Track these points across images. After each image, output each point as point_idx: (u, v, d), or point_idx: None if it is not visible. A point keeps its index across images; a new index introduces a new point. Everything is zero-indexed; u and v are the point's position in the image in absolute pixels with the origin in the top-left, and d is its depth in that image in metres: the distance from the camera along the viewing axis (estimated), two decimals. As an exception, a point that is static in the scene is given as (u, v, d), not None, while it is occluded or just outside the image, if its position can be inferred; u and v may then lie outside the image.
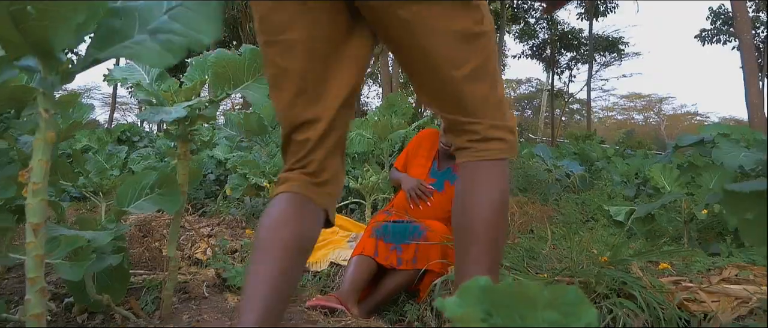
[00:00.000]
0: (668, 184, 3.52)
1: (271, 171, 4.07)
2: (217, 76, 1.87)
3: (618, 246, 2.35)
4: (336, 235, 3.38)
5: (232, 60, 1.86)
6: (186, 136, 1.87)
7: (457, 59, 1.24)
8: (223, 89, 1.87)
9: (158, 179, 1.82)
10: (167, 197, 1.79)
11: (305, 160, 1.29)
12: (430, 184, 2.82)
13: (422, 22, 1.20)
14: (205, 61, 1.97)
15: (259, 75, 1.91)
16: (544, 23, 22.97)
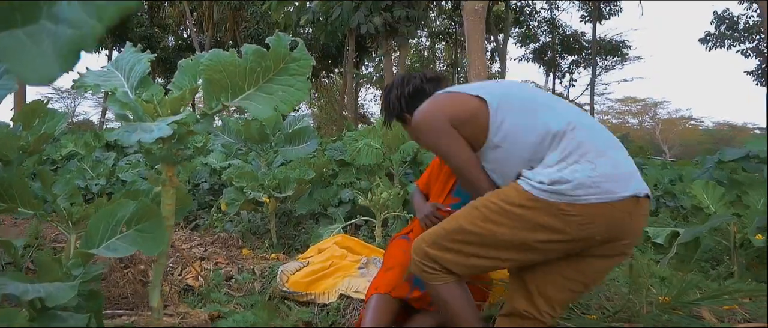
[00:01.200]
0: (712, 203, 3.18)
1: (270, 185, 3.70)
2: (212, 82, 1.50)
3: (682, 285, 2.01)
4: (344, 259, 3.01)
5: (229, 63, 1.50)
6: (172, 157, 1.50)
7: None
8: (219, 99, 1.51)
9: (137, 212, 1.45)
10: (148, 235, 1.42)
11: None
12: (453, 204, 2.44)
13: None
14: (196, 64, 1.60)
15: (263, 81, 1.54)
16: (545, 27, 22.67)
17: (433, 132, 1.71)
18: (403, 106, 2.06)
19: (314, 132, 4.28)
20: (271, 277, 2.90)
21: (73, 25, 0.56)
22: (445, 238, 1.61)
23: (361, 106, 29.37)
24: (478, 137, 1.67)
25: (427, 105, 1.78)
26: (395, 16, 11.99)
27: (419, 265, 1.66)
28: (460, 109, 1.69)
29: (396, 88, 2.09)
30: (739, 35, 20.50)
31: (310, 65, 1.55)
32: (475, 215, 1.57)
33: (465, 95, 1.72)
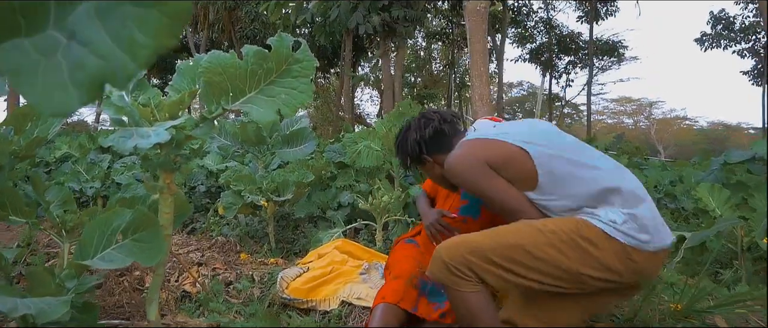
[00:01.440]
0: (718, 206, 3.13)
1: (268, 188, 3.63)
2: (211, 85, 1.44)
3: (693, 293, 1.96)
4: (345, 264, 2.95)
5: (230, 65, 1.44)
6: (171, 163, 1.44)
7: None
8: (219, 102, 1.45)
9: (134, 220, 1.39)
10: (145, 245, 1.36)
11: None
12: (462, 207, 2.38)
13: None
14: (195, 67, 1.54)
15: (264, 84, 1.48)
16: (542, 27, 22.65)
17: (471, 174, 1.70)
18: (423, 149, 2.03)
19: (312, 133, 4.22)
20: (270, 283, 2.83)
21: (99, 53, 0.45)
22: (494, 252, 1.57)
23: (358, 106, 29.33)
24: (523, 183, 1.68)
25: (462, 149, 1.77)
26: (393, 17, 11.94)
27: (451, 269, 1.60)
28: (496, 152, 1.70)
29: (414, 131, 2.04)
30: (735, 35, 20.54)
31: (313, 66, 1.49)
32: (542, 240, 1.54)
33: (498, 141, 1.73)
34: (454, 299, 1.62)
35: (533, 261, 1.54)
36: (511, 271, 1.55)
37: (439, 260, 1.63)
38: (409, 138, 2.05)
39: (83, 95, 0.46)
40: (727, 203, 3.13)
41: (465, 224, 2.34)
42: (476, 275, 1.58)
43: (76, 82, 0.46)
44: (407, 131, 2.08)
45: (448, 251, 1.62)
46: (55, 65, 0.46)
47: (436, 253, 1.65)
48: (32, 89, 0.46)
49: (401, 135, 2.13)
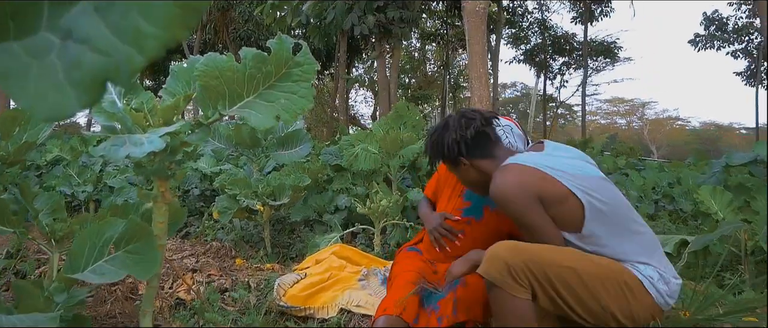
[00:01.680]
0: (720, 209, 3.10)
1: (264, 192, 3.57)
2: (208, 89, 1.38)
3: (702, 299, 1.91)
4: (343, 270, 2.90)
5: (227, 69, 1.38)
6: (165, 171, 1.38)
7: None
8: (216, 107, 1.39)
9: (127, 231, 1.32)
10: (139, 257, 1.30)
11: None
12: (465, 208, 2.33)
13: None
14: (191, 70, 1.48)
15: (263, 88, 1.42)
16: (536, 28, 22.67)
17: (521, 204, 1.68)
18: (462, 151, 1.91)
19: (307, 135, 4.15)
20: (266, 290, 2.78)
21: (99, 49, 0.42)
22: (551, 268, 1.58)
23: (352, 107, 29.26)
24: (565, 225, 1.70)
25: (514, 175, 1.71)
26: (389, 18, 11.87)
27: (511, 271, 1.58)
28: (551, 190, 1.68)
29: (453, 130, 1.91)
30: (728, 36, 20.62)
31: (314, 70, 1.44)
32: (593, 271, 1.60)
33: (554, 179, 1.70)
34: (501, 301, 1.60)
35: (581, 288, 1.57)
36: (558, 292, 1.57)
37: (500, 260, 1.60)
38: (447, 137, 1.92)
39: (82, 96, 0.42)
40: (730, 205, 3.10)
41: (468, 226, 2.30)
42: (531, 286, 1.58)
43: (73, 82, 0.42)
44: (445, 130, 1.95)
45: (509, 253, 1.60)
46: (48, 67, 0.42)
47: (494, 252, 1.63)
48: (24, 93, 0.42)
49: (437, 133, 1.98)
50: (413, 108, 3.98)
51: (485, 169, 1.91)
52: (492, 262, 1.61)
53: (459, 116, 1.95)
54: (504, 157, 1.86)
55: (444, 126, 1.96)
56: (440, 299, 2.03)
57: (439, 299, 2.04)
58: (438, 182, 2.52)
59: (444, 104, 24.59)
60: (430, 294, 2.10)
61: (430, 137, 2.02)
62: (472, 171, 1.95)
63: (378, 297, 2.57)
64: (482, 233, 2.28)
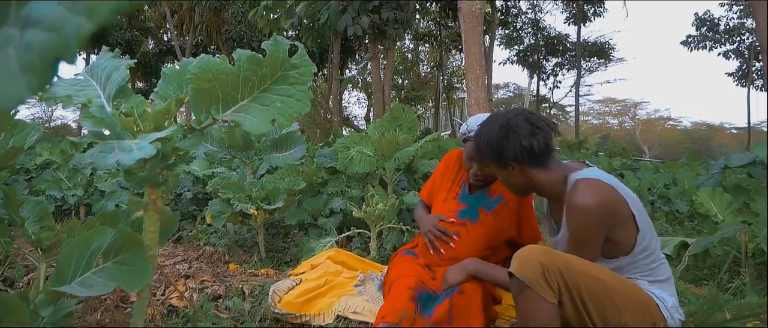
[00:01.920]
0: (719, 211, 3.07)
1: (258, 196, 3.51)
2: (200, 93, 1.33)
3: (707, 305, 1.88)
4: (339, 276, 2.84)
5: (221, 71, 1.33)
6: (156, 178, 1.33)
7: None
8: (209, 112, 1.33)
9: (116, 241, 1.27)
10: (128, 268, 1.24)
11: None
12: (460, 211, 2.31)
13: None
14: (183, 72, 1.43)
15: (258, 91, 1.37)
16: (529, 29, 22.69)
17: (594, 225, 1.68)
18: (524, 158, 1.78)
19: (301, 138, 4.10)
20: (261, 296, 2.72)
21: (50, 27, 0.42)
22: (583, 277, 1.60)
23: (345, 108, 29.20)
24: (613, 250, 1.73)
25: (600, 196, 1.68)
26: (383, 18, 11.80)
27: (545, 273, 1.59)
28: (620, 214, 1.70)
29: (521, 136, 1.75)
30: (720, 37, 20.73)
31: (311, 72, 1.39)
32: (621, 289, 1.63)
33: (624, 202, 1.71)
34: (530, 303, 1.59)
35: (607, 301, 1.59)
36: (584, 301, 1.59)
37: (535, 261, 1.59)
38: (510, 143, 1.76)
39: (33, 79, 0.42)
40: (729, 207, 3.07)
41: (464, 227, 2.28)
42: (560, 291, 1.58)
43: (24, 67, 0.42)
44: (506, 133, 1.77)
45: (544, 256, 1.60)
46: (5, 58, 0.42)
47: (528, 254, 1.62)
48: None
49: (495, 134, 1.79)
50: (408, 110, 3.94)
51: (536, 177, 1.84)
52: (526, 262, 1.60)
53: (524, 120, 1.78)
54: (556, 168, 1.83)
55: (505, 127, 1.78)
56: (436, 305, 1.99)
57: (435, 305, 2.00)
58: (433, 183, 2.49)
59: (437, 105, 24.59)
60: (427, 300, 2.06)
61: (486, 137, 1.83)
62: (519, 176, 1.85)
63: (375, 303, 2.52)
64: (477, 235, 2.26)
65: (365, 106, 29.67)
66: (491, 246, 2.29)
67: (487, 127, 1.87)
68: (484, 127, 1.88)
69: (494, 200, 2.31)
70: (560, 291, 1.58)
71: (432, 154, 4.34)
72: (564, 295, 1.58)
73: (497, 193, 2.31)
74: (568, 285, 1.58)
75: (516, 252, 1.67)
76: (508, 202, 2.29)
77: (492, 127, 1.83)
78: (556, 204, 1.92)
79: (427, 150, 4.11)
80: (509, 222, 2.31)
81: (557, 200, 1.88)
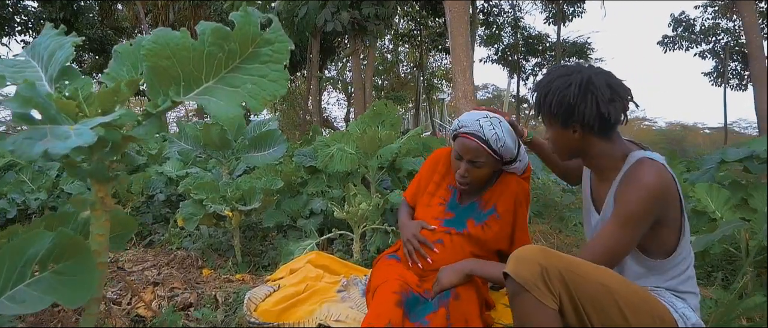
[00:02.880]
0: (717, 208, 2.95)
1: (233, 196, 3.30)
2: (157, 72, 1.13)
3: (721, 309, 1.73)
4: (320, 281, 2.65)
5: (181, 46, 1.13)
6: (104, 172, 1.13)
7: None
8: (167, 94, 1.14)
9: (55, 246, 1.07)
10: (70, 278, 1.04)
11: None
12: (446, 220, 2.11)
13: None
14: (137, 49, 1.23)
15: (226, 71, 1.18)
16: (509, 28, 22.68)
17: (643, 210, 1.50)
18: (594, 125, 1.58)
19: (282, 136, 3.90)
20: (236, 304, 2.52)
21: None
22: (587, 281, 1.43)
23: (324, 110, 28.94)
24: (657, 247, 1.59)
25: (662, 179, 1.51)
26: (364, 14, 11.56)
27: (544, 275, 1.41)
28: (669, 207, 1.55)
29: (601, 102, 1.55)
30: (695, 37, 20.99)
31: (287, 49, 1.20)
32: (631, 300, 1.46)
33: (677, 195, 1.57)
34: (528, 308, 1.42)
35: (613, 311, 1.42)
36: (585, 309, 1.42)
37: (533, 262, 1.41)
38: (588, 103, 1.54)
39: None
40: (727, 203, 2.95)
41: (448, 236, 2.08)
42: (560, 296, 1.41)
43: None
44: (588, 92, 1.55)
45: (544, 257, 1.43)
46: None
47: (525, 254, 1.45)
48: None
49: (577, 89, 1.55)
50: (391, 106, 3.76)
51: (595, 146, 1.64)
52: (524, 263, 1.43)
53: (606, 82, 1.56)
54: (618, 141, 1.65)
55: (584, 86, 1.55)
56: (429, 312, 1.81)
57: (427, 312, 1.82)
58: (418, 184, 2.30)
59: (418, 106, 24.46)
60: (416, 306, 1.88)
61: (559, 91, 1.59)
62: (577, 140, 1.64)
63: (360, 310, 2.34)
64: (462, 245, 2.06)
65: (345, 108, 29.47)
66: (478, 256, 2.08)
67: (560, 79, 1.60)
68: (556, 79, 1.61)
69: (486, 212, 2.10)
70: (560, 296, 1.41)
71: (416, 151, 4.17)
72: (565, 300, 1.42)
73: (490, 204, 2.10)
74: (569, 290, 1.41)
75: (513, 251, 1.49)
76: (502, 215, 2.09)
77: (567, 81, 1.58)
78: (602, 181, 1.72)
79: (411, 147, 3.94)
80: (501, 236, 2.11)
81: (606, 177, 1.68)
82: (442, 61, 26.36)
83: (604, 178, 1.69)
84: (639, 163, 1.55)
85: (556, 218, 3.91)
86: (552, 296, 1.40)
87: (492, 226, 2.07)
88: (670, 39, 21.29)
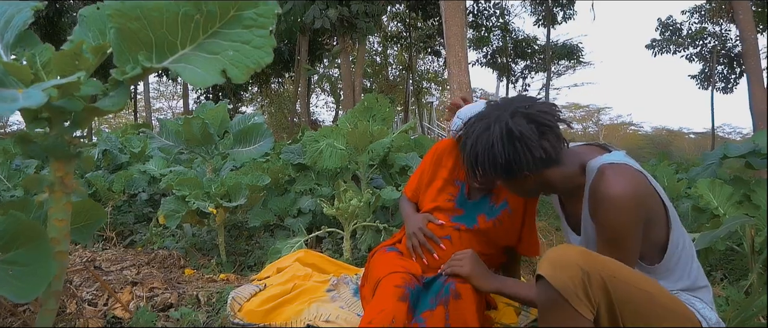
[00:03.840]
0: (720, 204, 2.86)
1: (218, 192, 3.15)
2: (126, 35, 1.00)
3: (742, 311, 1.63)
4: (309, 280, 2.52)
5: (152, 7, 1.00)
6: (65, 148, 0.99)
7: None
8: (138, 59, 1.00)
9: (5, 233, 0.93)
10: (22, 269, 0.91)
11: None
12: (455, 217, 1.97)
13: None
14: (103, 9, 1.10)
15: (204, 36, 1.05)
16: (498, 31, 22.65)
17: (631, 220, 1.38)
18: (539, 167, 1.47)
19: (268, 130, 3.76)
20: (219, 304, 2.38)
21: None
22: (628, 285, 1.28)
23: (312, 113, 28.76)
24: (651, 252, 1.47)
25: (633, 183, 1.39)
26: (353, 11, 11.38)
27: (585, 281, 1.25)
28: (650, 207, 1.43)
29: (533, 146, 1.42)
30: (682, 41, 21.14)
31: (273, 13, 1.07)
32: (668, 305, 1.33)
33: (656, 195, 1.46)
34: (563, 318, 1.25)
35: (653, 318, 1.29)
36: (623, 316, 1.27)
37: (575, 267, 1.24)
38: (521, 152, 1.43)
39: None
40: (730, 199, 2.86)
41: (457, 232, 1.94)
42: (598, 305, 1.25)
43: None
44: (514, 141, 1.43)
45: (586, 261, 1.26)
46: None
47: (565, 257, 1.28)
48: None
49: (502, 145, 1.44)
50: (383, 99, 3.63)
51: (551, 179, 1.53)
52: (563, 268, 1.26)
53: (525, 120, 1.44)
54: (569, 159, 1.52)
55: (508, 138, 1.44)
56: (426, 310, 1.68)
57: (424, 309, 1.69)
58: (420, 179, 2.15)
59: (406, 108, 24.35)
60: (417, 300, 1.74)
61: (487, 153, 1.48)
62: (532, 183, 1.54)
63: (351, 310, 2.21)
64: (471, 241, 1.92)
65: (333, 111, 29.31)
66: (486, 253, 1.94)
67: (481, 138, 1.49)
68: (477, 139, 1.50)
69: (498, 207, 1.95)
70: (599, 305, 1.26)
71: (408, 147, 4.05)
72: (602, 309, 1.26)
73: (502, 198, 1.96)
74: (610, 298, 1.25)
75: (548, 252, 1.33)
76: (514, 210, 1.95)
77: (489, 140, 1.47)
78: (571, 200, 1.61)
79: (402, 142, 3.82)
80: (511, 231, 1.97)
81: (575, 194, 1.56)
82: (431, 63, 26.32)
83: (573, 195, 1.58)
84: (599, 175, 1.42)
85: (553, 216, 3.81)
86: (590, 305, 1.25)
87: (504, 221, 1.93)
88: (658, 42, 21.43)
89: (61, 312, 2.18)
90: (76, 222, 1.25)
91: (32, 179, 0.97)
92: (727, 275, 3.06)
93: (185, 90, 22.29)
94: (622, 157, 1.48)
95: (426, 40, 21.31)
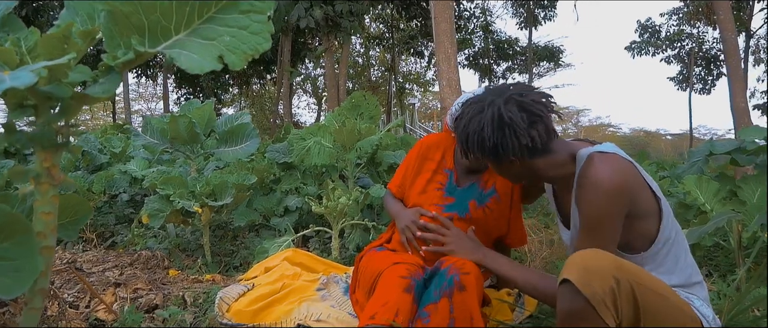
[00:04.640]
0: (707, 200, 2.87)
1: (202, 191, 3.09)
2: (118, 18, 0.95)
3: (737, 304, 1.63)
4: (298, 279, 2.48)
5: (146, -10, 0.96)
6: (52, 137, 0.94)
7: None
8: (130, 44, 0.96)
9: (-11, 225, 0.87)
10: (7, 264, 0.85)
11: None
12: (447, 205, 1.95)
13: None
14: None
15: (200, 21, 1.01)
16: (479, 32, 22.79)
17: (613, 209, 1.37)
18: (525, 154, 1.47)
19: (255, 130, 3.71)
20: (206, 305, 2.33)
21: None
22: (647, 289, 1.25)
23: (295, 114, 28.62)
24: (639, 242, 1.45)
25: (618, 170, 1.38)
26: (337, 11, 11.32)
27: (615, 289, 1.20)
28: (638, 196, 1.41)
29: (521, 133, 1.43)
30: (661, 43, 21.49)
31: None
32: (679, 306, 1.33)
33: (645, 184, 1.44)
34: (582, 324, 1.21)
35: (668, 317, 1.27)
36: (643, 322, 1.24)
37: (608, 274, 1.19)
38: (508, 138, 1.44)
39: None
40: (716, 195, 2.88)
41: (456, 222, 1.93)
42: (623, 313, 1.21)
43: None
44: (504, 126, 1.44)
45: (615, 267, 1.22)
46: None
47: (596, 261, 1.23)
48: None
49: (492, 129, 1.46)
50: (370, 97, 3.60)
51: (539, 167, 1.52)
52: (596, 274, 1.21)
53: (517, 108, 1.45)
54: (559, 149, 1.51)
55: (498, 122, 1.45)
56: (429, 303, 1.64)
57: (427, 302, 1.65)
58: (405, 173, 2.12)
59: (389, 110, 24.36)
60: (421, 293, 1.71)
61: (476, 135, 1.49)
62: (518, 168, 1.54)
63: (342, 309, 2.18)
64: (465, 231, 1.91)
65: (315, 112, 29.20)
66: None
67: (473, 120, 1.51)
68: (469, 121, 1.52)
69: (487, 193, 1.95)
70: (624, 313, 1.22)
71: (395, 145, 4.02)
72: (628, 317, 1.22)
73: (490, 184, 1.96)
74: (638, 307, 1.22)
75: (575, 256, 1.28)
76: (502, 197, 1.96)
77: (480, 122, 1.49)
78: (563, 191, 1.61)
79: (390, 141, 3.79)
80: (501, 219, 1.98)
81: (566, 185, 1.55)
82: (414, 65, 26.37)
83: (564, 186, 1.58)
84: (588, 161, 1.42)
85: (542, 213, 3.82)
86: (615, 314, 1.21)
87: (493, 208, 1.93)
88: (637, 44, 21.76)
89: (42, 314, 2.11)
90: (61, 218, 1.20)
91: (18, 170, 0.92)
92: (712, 271, 3.09)
93: (166, 91, 22.03)
94: (612, 147, 1.47)
95: (408, 41, 21.33)
